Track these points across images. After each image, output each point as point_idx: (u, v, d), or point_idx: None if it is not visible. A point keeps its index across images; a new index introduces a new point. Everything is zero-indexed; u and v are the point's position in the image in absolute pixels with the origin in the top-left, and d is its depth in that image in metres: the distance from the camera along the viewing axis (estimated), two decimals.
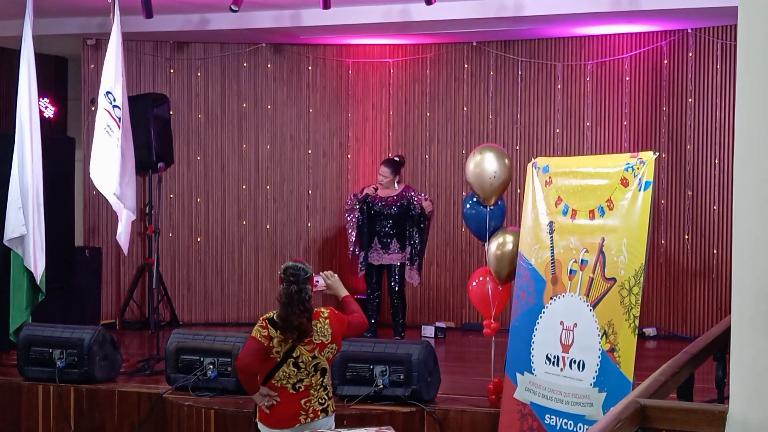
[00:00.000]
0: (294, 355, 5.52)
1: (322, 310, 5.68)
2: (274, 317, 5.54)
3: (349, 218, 10.05)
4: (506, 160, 7.15)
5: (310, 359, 5.54)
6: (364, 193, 9.91)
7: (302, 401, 5.56)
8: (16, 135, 8.39)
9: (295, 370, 5.53)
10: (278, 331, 5.50)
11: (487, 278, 7.26)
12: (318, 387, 5.60)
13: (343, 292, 5.87)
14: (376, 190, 9.92)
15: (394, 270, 9.90)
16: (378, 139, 11.38)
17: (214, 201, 11.27)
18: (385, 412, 7.07)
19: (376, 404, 7.13)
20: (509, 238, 7.08)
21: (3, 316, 8.40)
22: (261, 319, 5.61)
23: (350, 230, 10.02)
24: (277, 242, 11.33)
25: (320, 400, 5.60)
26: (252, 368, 5.55)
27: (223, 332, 8.39)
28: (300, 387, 5.56)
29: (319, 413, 5.59)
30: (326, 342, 5.58)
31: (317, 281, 5.77)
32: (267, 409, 5.58)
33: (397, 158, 10.22)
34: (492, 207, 7.15)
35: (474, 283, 7.39)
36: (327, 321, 5.61)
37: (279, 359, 5.52)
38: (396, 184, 9.98)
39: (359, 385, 7.18)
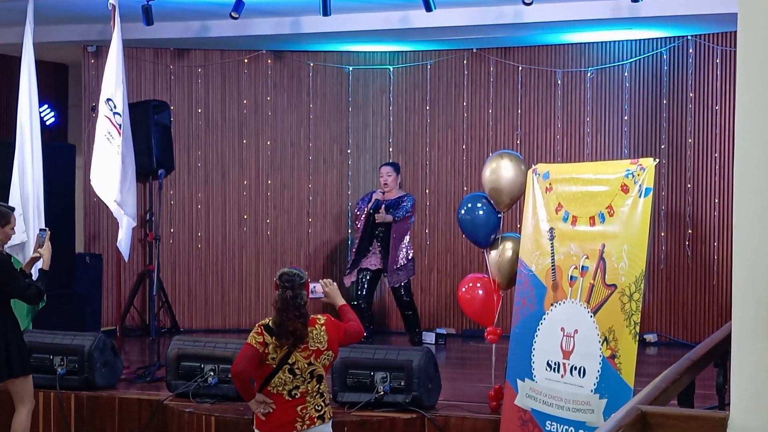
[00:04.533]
0: (290, 361, 5.51)
1: (319, 317, 5.67)
2: (270, 324, 5.54)
3: (359, 225, 10.00)
4: (522, 166, 7.11)
5: (306, 366, 5.53)
6: (374, 200, 9.84)
7: (298, 408, 5.54)
8: (16, 142, 8.39)
9: (291, 376, 5.52)
10: (273, 338, 5.50)
11: (478, 284, 7.26)
12: (314, 394, 5.58)
13: (341, 301, 5.86)
14: (384, 194, 9.86)
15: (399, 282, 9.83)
16: (378, 145, 11.39)
17: (215, 208, 11.27)
18: (386, 418, 7.07)
19: (377, 411, 7.12)
20: (509, 245, 7.09)
21: None
22: (257, 325, 5.61)
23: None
24: (277, 249, 11.34)
25: (317, 407, 5.59)
26: (246, 374, 5.54)
27: (223, 339, 8.39)
28: (296, 394, 5.55)
29: (315, 420, 5.57)
30: (322, 349, 5.57)
31: (314, 288, 5.75)
32: (263, 416, 5.58)
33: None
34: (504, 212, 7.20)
35: (464, 289, 7.37)
36: (323, 328, 5.60)
37: (275, 366, 5.51)
38: (399, 186, 9.97)
39: (360, 392, 7.18)
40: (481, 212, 7.20)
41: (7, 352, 6.67)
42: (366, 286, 9.89)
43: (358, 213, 9.97)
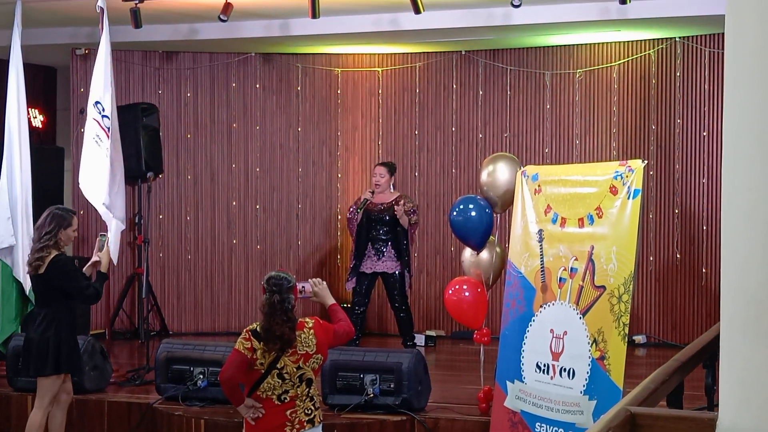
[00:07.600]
0: (278, 366, 5.50)
1: (307, 320, 5.65)
2: (257, 329, 5.53)
3: (351, 228, 9.89)
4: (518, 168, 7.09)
5: (295, 370, 5.52)
6: (362, 199, 9.76)
7: (288, 412, 5.53)
8: (4, 145, 8.37)
9: (280, 381, 5.51)
10: (261, 343, 5.48)
11: (464, 286, 7.26)
12: (304, 398, 5.57)
13: (330, 300, 5.85)
14: (373, 193, 9.74)
15: (393, 281, 9.70)
16: (367, 147, 11.39)
17: (204, 210, 11.26)
18: (376, 420, 7.06)
19: (367, 413, 7.12)
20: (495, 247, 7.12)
21: None
22: (244, 330, 5.59)
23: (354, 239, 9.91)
24: (266, 251, 11.32)
25: (306, 411, 5.58)
26: (235, 380, 5.53)
27: (213, 342, 8.38)
28: (285, 398, 5.54)
29: (305, 424, 5.56)
30: (311, 352, 5.56)
31: (304, 287, 5.74)
32: (252, 421, 5.57)
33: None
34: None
35: (450, 292, 7.36)
36: (312, 331, 5.59)
37: (263, 371, 5.49)
38: (392, 188, 9.86)
39: (350, 394, 7.18)
40: (473, 213, 7.20)
41: (46, 348, 6.66)
42: (363, 291, 9.82)
43: (350, 217, 9.87)
